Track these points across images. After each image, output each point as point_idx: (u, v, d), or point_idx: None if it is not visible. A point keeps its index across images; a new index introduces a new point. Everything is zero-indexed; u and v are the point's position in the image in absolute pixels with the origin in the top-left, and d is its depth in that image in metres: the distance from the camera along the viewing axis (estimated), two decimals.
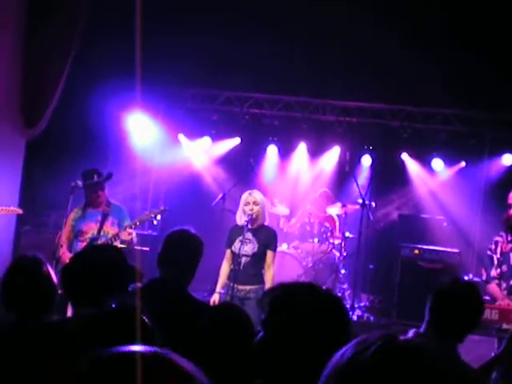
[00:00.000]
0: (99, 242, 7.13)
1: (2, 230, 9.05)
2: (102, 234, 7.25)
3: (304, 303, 2.30)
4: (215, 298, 6.92)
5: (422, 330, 3.86)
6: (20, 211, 7.84)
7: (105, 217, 7.29)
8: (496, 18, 10.17)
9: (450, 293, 3.86)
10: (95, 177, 7.28)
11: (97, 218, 7.31)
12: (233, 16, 10.66)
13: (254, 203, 7.02)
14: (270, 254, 7.04)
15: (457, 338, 3.84)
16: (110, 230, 7.27)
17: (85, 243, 7.17)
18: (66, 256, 7.02)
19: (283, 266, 9.55)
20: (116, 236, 7.16)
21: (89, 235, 7.25)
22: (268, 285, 6.91)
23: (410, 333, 3.81)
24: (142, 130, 11.93)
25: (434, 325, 3.81)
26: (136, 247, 9.61)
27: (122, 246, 7.02)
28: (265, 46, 10.64)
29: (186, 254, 4.29)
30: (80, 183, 7.22)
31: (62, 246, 7.12)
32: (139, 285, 3.75)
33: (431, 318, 3.83)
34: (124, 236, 7.15)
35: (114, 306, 2.20)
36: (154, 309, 2.81)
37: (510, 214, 6.34)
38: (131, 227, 7.19)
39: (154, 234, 10.79)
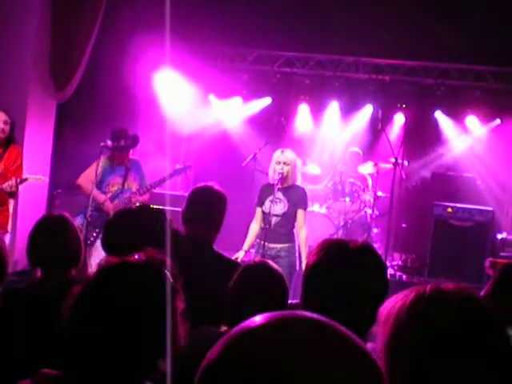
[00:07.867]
0: (123, 195, 7.65)
1: (36, 194, 9.10)
2: (126, 187, 7.73)
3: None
4: (239, 255, 6.85)
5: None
6: (43, 179, 7.90)
7: (127, 171, 7.77)
8: None
9: None
10: (122, 141, 7.59)
11: (121, 173, 7.77)
12: None
13: (285, 163, 6.95)
14: (300, 213, 6.98)
15: None
16: (132, 183, 7.78)
17: (109, 195, 7.66)
18: (109, 205, 7.52)
19: (315, 226, 9.50)
20: (134, 194, 7.61)
21: (114, 188, 7.71)
22: (302, 245, 6.88)
23: None
24: (172, 88, 11.87)
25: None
26: (168, 207, 9.63)
27: None
28: (295, 4, 10.47)
29: (210, 209, 4.26)
30: (109, 143, 7.41)
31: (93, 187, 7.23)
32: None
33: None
34: (141, 199, 7.64)
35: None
36: (182, 263, 2.79)
37: None
38: (148, 190, 7.75)
39: (186, 194, 10.77)
